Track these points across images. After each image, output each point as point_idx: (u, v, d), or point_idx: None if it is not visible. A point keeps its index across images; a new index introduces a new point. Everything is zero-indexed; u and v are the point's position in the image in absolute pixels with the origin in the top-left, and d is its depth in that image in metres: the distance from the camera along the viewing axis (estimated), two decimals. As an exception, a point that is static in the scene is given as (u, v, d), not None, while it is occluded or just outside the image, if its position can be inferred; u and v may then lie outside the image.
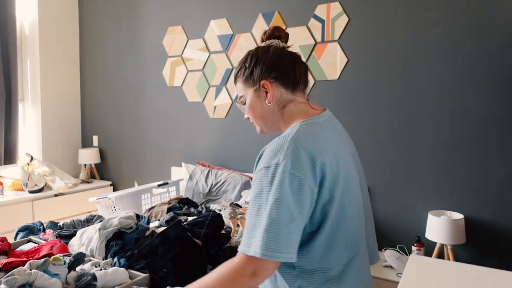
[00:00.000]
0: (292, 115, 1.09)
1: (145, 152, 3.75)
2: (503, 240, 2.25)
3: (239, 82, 1.13)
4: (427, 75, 2.43)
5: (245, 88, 1.11)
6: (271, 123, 1.11)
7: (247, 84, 1.10)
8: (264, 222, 0.89)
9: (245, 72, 1.11)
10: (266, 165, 0.93)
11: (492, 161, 2.27)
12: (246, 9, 3.09)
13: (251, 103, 1.11)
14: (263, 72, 1.08)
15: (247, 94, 1.11)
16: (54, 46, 3.91)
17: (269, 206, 0.89)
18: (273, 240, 0.87)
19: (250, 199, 0.94)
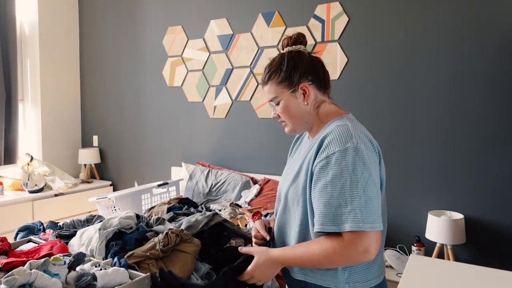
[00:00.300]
0: (327, 113, 1.19)
1: (145, 152, 3.75)
2: (503, 240, 2.25)
3: (271, 84, 1.17)
4: (427, 75, 2.43)
5: (278, 89, 1.16)
6: (305, 122, 1.19)
7: (282, 86, 1.16)
8: (359, 198, 0.98)
9: (280, 74, 1.16)
10: (340, 148, 1.02)
11: (492, 161, 2.27)
12: (246, 9, 3.09)
13: (286, 104, 1.16)
14: (302, 75, 1.15)
15: (282, 95, 1.16)
16: (54, 46, 3.91)
17: (358, 183, 0.99)
18: (371, 214, 0.98)
19: (325, 181, 1.02)
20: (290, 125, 1.20)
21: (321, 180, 1.03)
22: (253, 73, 3.08)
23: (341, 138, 1.04)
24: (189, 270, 1.61)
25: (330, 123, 1.15)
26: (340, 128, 1.07)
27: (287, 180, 1.21)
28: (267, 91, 1.20)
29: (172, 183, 3.01)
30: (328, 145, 1.05)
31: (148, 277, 1.45)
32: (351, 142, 1.02)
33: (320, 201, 1.02)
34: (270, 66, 1.19)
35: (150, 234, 1.77)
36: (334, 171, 1.01)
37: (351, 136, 1.04)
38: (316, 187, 1.04)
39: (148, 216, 2.31)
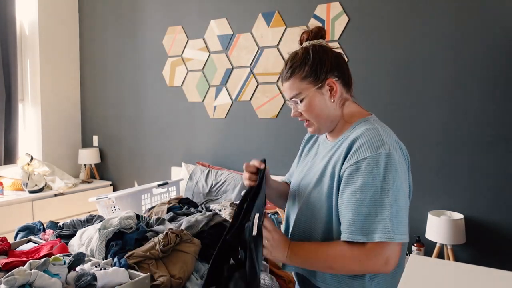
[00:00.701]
0: (352, 112, 1.13)
1: (145, 152, 3.75)
2: (503, 240, 2.25)
3: (294, 80, 1.08)
4: (426, 75, 2.43)
5: (303, 85, 1.08)
6: (330, 121, 1.11)
7: (307, 81, 1.07)
8: (390, 208, 0.93)
9: (305, 69, 1.07)
10: (372, 154, 0.96)
11: (492, 161, 2.27)
12: (246, 9, 3.09)
13: (311, 101, 1.08)
14: (328, 70, 1.08)
15: (306, 92, 1.07)
16: (54, 46, 3.91)
17: (389, 192, 0.94)
18: (401, 224, 0.94)
19: (354, 188, 0.96)
20: (315, 124, 1.11)
21: (350, 186, 0.98)
22: (253, 73, 3.08)
23: (372, 143, 0.98)
24: (189, 270, 1.61)
25: (357, 124, 1.09)
26: (371, 132, 1.01)
27: (307, 181, 1.13)
28: (288, 88, 1.10)
29: (172, 183, 3.01)
30: (358, 149, 0.99)
31: (148, 277, 1.45)
32: (383, 148, 0.97)
33: (349, 208, 0.96)
34: (292, 60, 1.10)
35: (150, 234, 1.77)
36: (364, 177, 0.96)
37: (383, 142, 0.99)
38: (344, 193, 0.99)
39: (148, 216, 2.32)
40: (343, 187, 1.00)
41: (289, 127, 2.94)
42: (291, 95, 1.10)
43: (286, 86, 1.11)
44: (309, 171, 1.16)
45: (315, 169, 1.12)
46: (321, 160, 1.13)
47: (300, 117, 1.12)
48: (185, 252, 1.64)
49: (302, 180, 1.16)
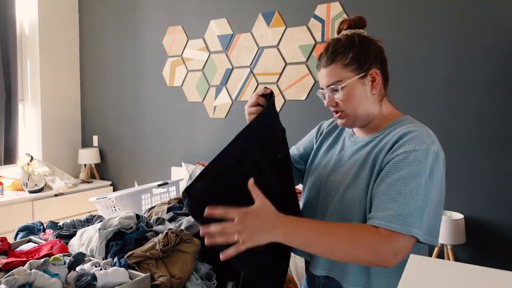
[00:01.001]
0: (391, 110, 1.10)
1: (145, 152, 3.75)
2: (503, 240, 2.25)
3: (336, 66, 1.02)
4: (426, 75, 2.43)
5: (344, 73, 1.02)
6: (367, 115, 1.05)
7: (349, 69, 1.02)
8: (427, 204, 0.90)
9: (349, 56, 1.02)
10: (422, 148, 0.92)
11: (492, 161, 2.26)
12: (246, 9, 3.08)
13: (351, 90, 1.02)
14: (373, 61, 1.04)
15: (347, 80, 1.01)
16: (54, 46, 3.91)
17: (431, 191, 0.91)
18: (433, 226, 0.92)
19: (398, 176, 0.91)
20: (351, 115, 1.04)
21: (392, 175, 0.92)
22: (253, 73, 3.08)
23: (423, 138, 0.95)
24: (189, 270, 1.61)
25: (398, 122, 1.05)
26: (421, 129, 0.98)
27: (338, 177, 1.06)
28: (327, 74, 1.04)
29: (172, 183, 3.00)
30: (408, 141, 0.95)
31: (148, 277, 1.45)
32: (433, 146, 0.94)
33: (386, 196, 0.91)
34: (335, 46, 1.04)
35: (150, 234, 1.77)
36: (410, 168, 0.91)
37: (433, 141, 0.96)
38: (383, 182, 0.93)
39: (148, 216, 2.31)
40: (383, 175, 0.95)
41: (289, 127, 2.92)
42: (330, 82, 1.04)
43: (324, 73, 1.05)
44: (337, 166, 1.10)
45: (347, 165, 1.07)
46: (352, 156, 1.07)
47: (334, 107, 1.06)
48: (185, 252, 1.64)
49: (330, 175, 1.10)
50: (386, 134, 1.03)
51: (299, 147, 1.33)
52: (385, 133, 1.04)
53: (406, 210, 0.88)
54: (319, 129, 1.28)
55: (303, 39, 2.83)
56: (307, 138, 1.32)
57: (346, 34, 1.08)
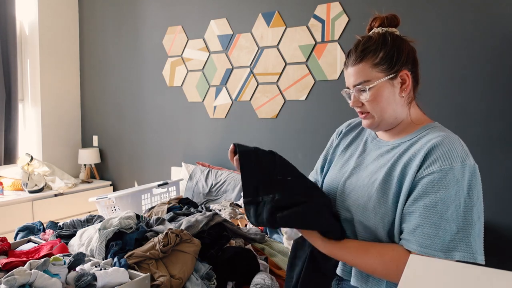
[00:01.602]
0: (420, 114, 1.06)
1: (145, 152, 3.75)
2: (503, 240, 2.25)
3: (365, 65, 0.98)
4: (426, 75, 2.43)
5: (373, 73, 0.97)
6: (394, 118, 1.01)
7: (378, 69, 0.98)
8: (473, 225, 0.85)
9: (379, 55, 0.98)
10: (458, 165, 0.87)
11: (493, 161, 2.26)
12: (246, 9, 3.09)
13: (379, 91, 0.97)
14: (404, 62, 1.00)
15: (376, 80, 0.97)
16: (54, 46, 3.91)
17: (473, 208, 0.86)
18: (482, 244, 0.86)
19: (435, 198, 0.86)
20: (377, 117, 0.99)
21: (429, 196, 0.87)
22: (253, 73, 3.08)
23: (457, 152, 0.90)
24: (189, 270, 1.61)
25: (426, 128, 1.00)
26: (452, 140, 0.92)
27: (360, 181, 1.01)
28: (355, 73, 0.99)
29: (172, 183, 3.01)
30: (442, 156, 0.89)
31: (148, 277, 1.45)
32: (468, 160, 0.90)
33: (425, 220, 0.86)
34: (365, 44, 1.00)
35: (150, 234, 1.77)
36: (448, 189, 0.85)
37: (467, 154, 0.91)
38: (419, 202, 0.88)
39: (148, 216, 2.32)
40: (419, 194, 0.88)
41: (289, 127, 2.93)
42: (358, 82, 0.99)
43: (352, 71, 1.00)
44: (358, 170, 1.04)
45: (369, 170, 1.01)
46: (375, 160, 1.02)
47: (360, 108, 1.01)
48: (185, 252, 1.64)
49: (350, 178, 1.04)
50: (414, 141, 0.98)
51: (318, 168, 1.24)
52: (413, 140, 0.98)
53: (448, 235, 0.84)
54: (338, 133, 1.22)
55: (303, 39, 2.83)
56: (327, 149, 1.24)
57: (378, 32, 1.04)
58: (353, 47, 1.02)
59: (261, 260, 1.81)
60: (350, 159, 1.10)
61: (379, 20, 1.06)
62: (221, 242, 1.82)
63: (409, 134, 1.01)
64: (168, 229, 1.69)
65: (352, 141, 1.14)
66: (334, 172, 1.11)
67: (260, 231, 2.12)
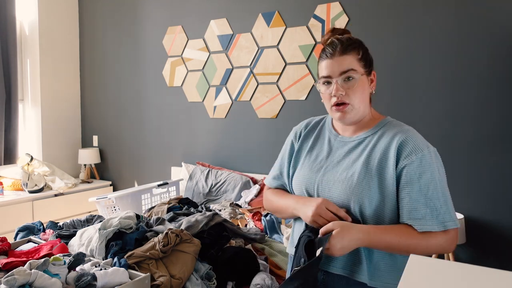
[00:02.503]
0: (374, 111, 1.20)
1: (145, 152, 3.75)
2: (503, 240, 2.25)
3: (352, 56, 1.09)
4: (426, 75, 2.43)
5: (358, 65, 1.09)
6: (363, 111, 1.13)
7: (361, 64, 1.10)
8: (449, 196, 1.06)
9: (361, 52, 1.11)
10: (425, 151, 1.04)
11: (492, 161, 2.26)
12: (246, 9, 3.09)
13: (361, 83, 1.10)
14: (372, 63, 1.15)
15: (359, 73, 1.09)
16: (54, 46, 3.91)
17: (444, 184, 1.06)
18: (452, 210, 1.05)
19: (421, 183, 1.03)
20: (355, 107, 1.09)
21: (419, 181, 1.03)
22: (253, 73, 3.08)
23: (421, 141, 1.07)
24: (189, 270, 1.61)
25: (385, 122, 1.15)
26: (412, 132, 1.10)
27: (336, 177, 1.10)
28: (343, 61, 1.07)
29: (172, 183, 3.01)
30: (413, 148, 1.05)
31: (148, 277, 1.45)
32: (430, 145, 1.08)
33: (419, 202, 1.02)
34: (349, 40, 1.11)
35: (150, 234, 1.77)
36: (427, 172, 1.03)
37: (425, 140, 1.09)
38: (414, 187, 1.03)
39: (148, 216, 2.32)
40: (409, 180, 1.03)
41: (289, 127, 2.93)
42: (346, 69, 1.08)
43: (340, 59, 1.08)
44: (331, 167, 1.13)
45: (343, 165, 1.11)
46: (347, 155, 1.13)
47: (340, 98, 1.08)
48: (185, 252, 1.64)
49: (325, 175, 1.12)
50: (380, 134, 1.11)
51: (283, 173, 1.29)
52: (377, 134, 1.12)
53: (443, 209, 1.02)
54: (296, 135, 1.29)
55: (303, 39, 2.83)
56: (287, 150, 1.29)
57: (348, 36, 1.15)
58: (336, 40, 1.11)
59: (261, 260, 1.81)
60: (318, 158, 1.18)
61: (339, 30, 1.18)
62: (221, 242, 1.82)
63: (370, 129, 1.14)
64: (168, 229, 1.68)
65: (315, 142, 1.23)
66: (305, 171, 1.18)
67: (260, 231, 2.12)
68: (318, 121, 1.28)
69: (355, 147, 1.13)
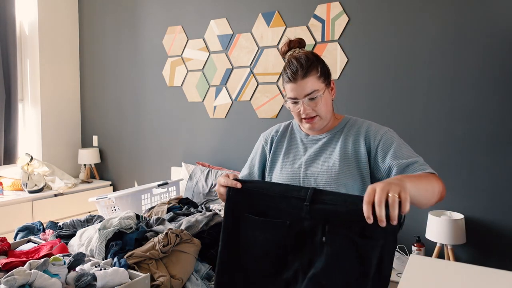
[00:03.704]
0: (335, 113, 1.36)
1: (145, 152, 3.75)
2: (503, 240, 2.25)
3: (313, 78, 1.22)
4: (426, 75, 2.43)
5: (319, 84, 1.23)
6: (329, 118, 1.29)
7: (321, 80, 1.24)
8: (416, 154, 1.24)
9: (319, 69, 1.23)
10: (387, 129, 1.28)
11: (493, 160, 2.26)
12: (246, 9, 3.09)
13: (325, 98, 1.25)
14: (330, 73, 1.29)
15: (322, 90, 1.23)
16: (54, 46, 3.91)
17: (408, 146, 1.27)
18: None
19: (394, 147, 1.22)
20: (323, 118, 1.26)
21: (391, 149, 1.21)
22: (253, 73, 3.08)
23: (380, 125, 1.30)
24: (189, 270, 1.61)
25: (347, 119, 1.33)
26: (371, 122, 1.31)
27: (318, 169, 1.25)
28: (305, 85, 1.21)
29: (172, 183, 3.00)
30: (377, 130, 1.26)
31: (148, 277, 1.45)
32: (386, 127, 1.30)
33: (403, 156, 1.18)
34: (307, 61, 1.22)
35: (150, 234, 1.77)
36: (395, 140, 1.23)
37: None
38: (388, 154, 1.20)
39: (148, 216, 2.32)
40: (384, 153, 1.21)
41: (289, 127, 2.93)
42: (309, 91, 1.22)
43: (303, 84, 1.21)
44: (310, 162, 1.28)
45: (322, 158, 1.27)
46: (323, 149, 1.29)
47: (309, 114, 1.24)
48: (185, 252, 1.64)
49: (308, 169, 1.27)
50: (347, 129, 1.30)
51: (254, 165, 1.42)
52: (344, 129, 1.30)
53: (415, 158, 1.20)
54: (267, 140, 1.41)
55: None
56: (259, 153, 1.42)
57: (304, 52, 1.27)
58: (296, 64, 1.23)
59: (261, 260, 1.80)
60: (296, 157, 1.33)
61: (294, 42, 1.31)
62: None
63: (335, 126, 1.32)
64: (168, 229, 1.68)
65: (290, 144, 1.37)
66: (287, 170, 1.32)
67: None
68: (287, 125, 1.43)
69: (328, 142, 1.29)
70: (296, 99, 1.24)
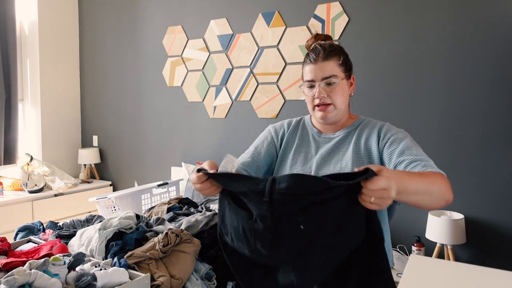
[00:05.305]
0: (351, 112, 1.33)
1: (145, 152, 3.75)
2: (503, 240, 2.25)
3: (334, 62, 1.19)
4: (426, 74, 2.43)
5: (339, 70, 1.20)
6: (344, 111, 1.26)
7: (341, 69, 1.21)
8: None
9: (342, 57, 1.21)
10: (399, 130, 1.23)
11: (493, 160, 2.26)
12: (246, 9, 3.09)
13: (342, 86, 1.21)
14: (352, 68, 1.26)
15: (340, 77, 1.20)
16: (54, 46, 3.91)
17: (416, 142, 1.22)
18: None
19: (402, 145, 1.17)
20: (337, 108, 1.22)
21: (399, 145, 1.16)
22: (253, 73, 3.08)
23: (391, 126, 1.25)
24: (189, 270, 1.61)
25: (361, 119, 1.30)
26: (384, 123, 1.27)
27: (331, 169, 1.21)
28: (324, 67, 1.18)
29: (172, 183, 3.00)
30: (389, 129, 1.22)
31: (148, 277, 1.45)
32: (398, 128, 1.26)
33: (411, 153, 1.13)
34: (331, 46, 1.20)
35: (150, 234, 1.77)
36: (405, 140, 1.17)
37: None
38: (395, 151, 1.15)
39: (148, 216, 2.31)
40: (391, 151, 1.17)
41: (289, 127, 2.93)
42: (328, 75, 1.19)
43: (323, 66, 1.19)
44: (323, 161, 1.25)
45: (335, 159, 1.24)
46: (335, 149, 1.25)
47: (323, 100, 1.20)
48: (185, 252, 1.64)
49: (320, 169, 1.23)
50: (360, 129, 1.26)
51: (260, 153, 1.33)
52: (357, 129, 1.27)
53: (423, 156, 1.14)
54: (277, 133, 1.37)
55: (303, 39, 2.82)
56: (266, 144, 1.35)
57: (331, 42, 1.24)
58: (318, 46, 1.22)
59: (261, 260, 1.80)
60: (308, 156, 1.29)
61: (321, 36, 1.28)
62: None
63: (348, 126, 1.28)
64: (168, 229, 1.68)
65: (301, 141, 1.33)
66: (297, 170, 1.27)
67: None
68: (298, 121, 1.40)
69: (341, 142, 1.26)
70: (313, 81, 1.21)
